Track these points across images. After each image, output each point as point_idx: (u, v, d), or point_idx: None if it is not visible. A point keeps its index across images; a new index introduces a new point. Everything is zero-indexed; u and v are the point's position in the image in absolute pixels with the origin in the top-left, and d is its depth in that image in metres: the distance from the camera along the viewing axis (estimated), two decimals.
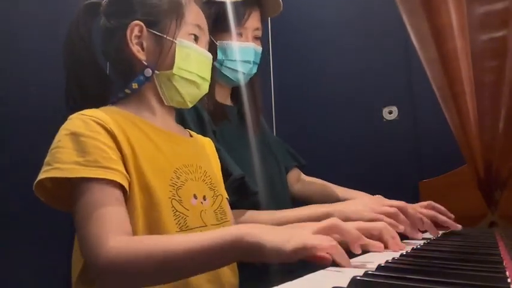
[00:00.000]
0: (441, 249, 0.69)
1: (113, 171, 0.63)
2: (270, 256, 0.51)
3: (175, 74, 0.74)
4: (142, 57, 0.73)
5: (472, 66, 0.56)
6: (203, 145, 0.85)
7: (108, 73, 0.79)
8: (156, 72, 0.74)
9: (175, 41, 0.73)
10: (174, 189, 0.69)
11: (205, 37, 0.79)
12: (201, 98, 0.82)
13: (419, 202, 0.99)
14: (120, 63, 0.75)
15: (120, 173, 0.63)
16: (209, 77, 0.79)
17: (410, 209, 0.89)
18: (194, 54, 0.75)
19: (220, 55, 1.04)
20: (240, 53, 1.04)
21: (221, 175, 0.86)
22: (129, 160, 0.66)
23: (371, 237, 0.66)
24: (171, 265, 0.56)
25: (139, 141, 0.69)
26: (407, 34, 0.66)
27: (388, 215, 0.84)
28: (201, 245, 0.55)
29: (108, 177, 0.62)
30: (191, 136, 0.85)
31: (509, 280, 0.39)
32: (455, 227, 0.94)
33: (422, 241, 0.82)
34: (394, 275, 0.40)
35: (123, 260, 0.56)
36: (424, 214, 0.92)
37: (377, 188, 1.10)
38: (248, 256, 0.54)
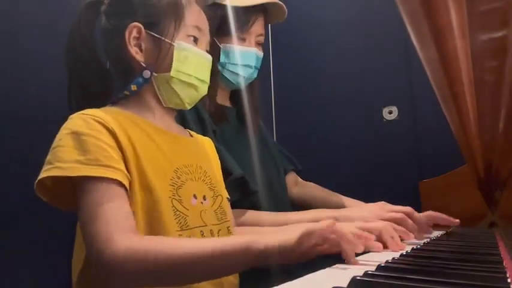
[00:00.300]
0: (441, 249, 0.69)
1: (114, 169, 0.63)
2: (279, 254, 0.53)
3: (173, 77, 0.73)
4: (140, 58, 0.73)
5: (472, 66, 0.56)
6: (203, 145, 0.86)
7: (110, 72, 0.79)
8: (155, 74, 0.74)
9: (173, 44, 0.73)
10: (174, 188, 0.69)
11: (205, 38, 0.79)
12: (201, 99, 0.82)
13: (419, 202, 0.99)
14: (119, 64, 0.75)
15: (121, 172, 0.63)
16: (208, 79, 0.79)
17: (416, 214, 0.90)
18: (193, 56, 0.75)
19: (223, 58, 1.04)
20: (242, 57, 1.05)
21: (221, 175, 0.86)
22: (130, 159, 0.66)
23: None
24: (179, 268, 0.57)
25: (140, 140, 0.69)
26: (407, 34, 0.66)
27: (395, 221, 0.83)
28: (212, 251, 0.56)
29: (109, 175, 0.62)
30: (191, 136, 0.85)
31: (509, 280, 0.39)
32: (455, 223, 0.94)
33: (422, 241, 0.82)
34: (394, 275, 0.40)
35: (131, 259, 0.56)
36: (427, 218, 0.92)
37: (377, 188, 1.11)
38: (257, 262, 0.55)
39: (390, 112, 1.71)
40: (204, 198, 0.75)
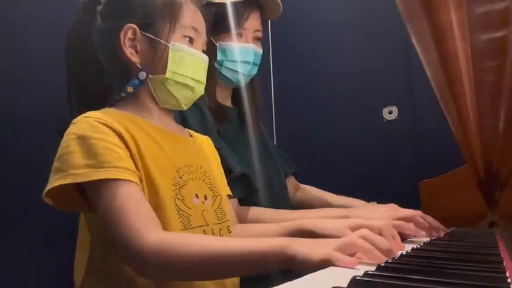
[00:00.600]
0: (441, 249, 0.69)
1: (126, 170, 0.63)
2: (301, 265, 0.54)
3: (168, 78, 0.73)
4: (136, 60, 0.73)
5: (472, 66, 0.56)
6: (202, 144, 0.85)
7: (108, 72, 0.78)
8: (150, 76, 0.73)
9: (168, 45, 0.73)
10: (177, 188, 0.70)
11: (201, 39, 0.78)
12: (199, 99, 0.82)
13: (419, 202, 0.99)
14: (115, 65, 0.74)
15: (132, 171, 0.64)
16: (204, 80, 0.79)
17: (428, 217, 0.89)
18: (188, 57, 0.75)
19: (220, 56, 1.04)
20: (240, 54, 1.04)
21: (221, 174, 0.86)
22: (137, 159, 0.66)
23: None
24: (209, 264, 0.58)
25: (142, 139, 0.69)
26: (407, 34, 0.66)
27: (407, 220, 0.84)
28: (241, 251, 0.57)
29: (122, 176, 0.62)
30: (191, 136, 0.85)
31: (509, 280, 0.39)
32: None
33: (422, 241, 0.81)
34: (394, 275, 0.40)
35: (166, 251, 0.58)
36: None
37: (377, 188, 1.11)
38: (282, 266, 0.56)
39: (390, 112, 1.71)
40: (205, 198, 0.75)
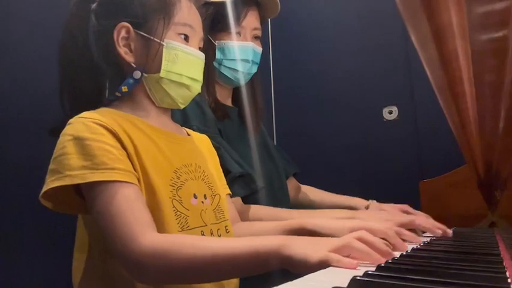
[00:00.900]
0: (441, 249, 0.69)
1: (123, 171, 0.63)
2: (298, 267, 0.54)
3: (163, 77, 0.72)
4: (130, 59, 0.72)
5: (472, 66, 0.56)
6: (200, 143, 0.85)
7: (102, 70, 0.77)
8: (145, 75, 0.72)
9: (162, 43, 0.72)
10: (175, 189, 0.69)
11: (197, 36, 0.77)
12: (200, 96, 0.81)
13: (419, 202, 0.99)
14: (109, 64, 0.73)
15: (129, 172, 0.64)
16: (201, 77, 0.77)
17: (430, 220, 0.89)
18: (183, 55, 0.73)
19: (218, 55, 1.04)
20: (238, 52, 1.04)
21: (220, 173, 0.86)
22: (134, 159, 0.66)
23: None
24: (204, 266, 0.58)
25: (140, 140, 0.68)
26: (407, 34, 0.66)
27: (411, 224, 0.83)
28: (239, 253, 0.57)
29: (118, 178, 0.62)
30: (188, 135, 0.84)
31: (509, 280, 0.39)
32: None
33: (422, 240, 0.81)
34: (394, 275, 0.40)
35: (160, 255, 0.58)
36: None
37: (377, 188, 1.10)
38: (279, 266, 0.56)
39: (390, 112, 1.71)
40: (205, 197, 0.75)
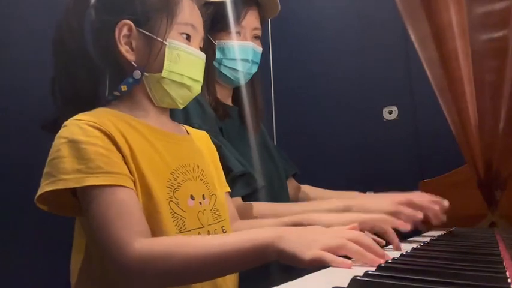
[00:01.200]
0: (441, 249, 0.69)
1: (118, 175, 0.62)
2: (290, 261, 0.53)
3: (164, 77, 0.71)
4: (131, 57, 0.70)
5: (472, 66, 0.56)
6: (199, 141, 0.83)
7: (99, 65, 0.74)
8: (146, 74, 0.71)
9: (165, 42, 0.70)
10: (171, 191, 0.68)
11: (199, 35, 0.76)
12: (200, 95, 0.81)
13: None
14: (109, 62, 0.71)
15: (124, 176, 0.63)
16: (202, 78, 0.76)
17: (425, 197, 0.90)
18: (185, 55, 0.72)
19: (218, 54, 1.04)
20: (238, 52, 1.04)
21: (219, 171, 0.85)
22: (130, 162, 0.65)
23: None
24: (195, 268, 0.57)
25: (136, 141, 0.67)
26: (407, 34, 0.66)
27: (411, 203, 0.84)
28: (232, 248, 0.56)
29: (113, 182, 0.61)
30: (188, 133, 0.83)
31: (509, 280, 0.39)
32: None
33: (422, 241, 0.81)
34: (394, 275, 0.40)
35: (149, 261, 0.57)
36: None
37: (377, 188, 1.10)
38: (274, 258, 0.55)
39: (390, 112, 1.71)
40: (203, 197, 0.74)
